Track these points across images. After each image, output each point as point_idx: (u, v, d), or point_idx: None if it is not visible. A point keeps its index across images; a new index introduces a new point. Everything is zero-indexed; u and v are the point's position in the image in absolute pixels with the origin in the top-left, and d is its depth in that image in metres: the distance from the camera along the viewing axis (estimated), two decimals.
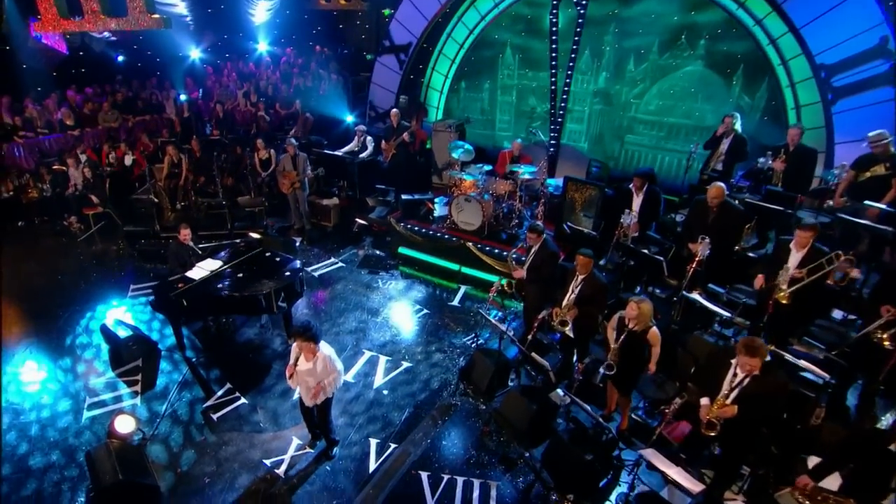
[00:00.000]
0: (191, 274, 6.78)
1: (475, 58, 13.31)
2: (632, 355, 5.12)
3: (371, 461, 5.44)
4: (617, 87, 11.75)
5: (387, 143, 10.28)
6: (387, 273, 8.94)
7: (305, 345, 4.78)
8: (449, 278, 8.72)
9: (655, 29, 10.83)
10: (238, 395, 6.30)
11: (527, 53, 12.70)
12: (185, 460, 5.46)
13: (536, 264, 6.28)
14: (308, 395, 5.05)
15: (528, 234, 6.24)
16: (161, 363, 6.85)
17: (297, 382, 5.01)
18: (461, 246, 8.65)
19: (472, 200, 8.56)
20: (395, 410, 6.09)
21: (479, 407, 6.12)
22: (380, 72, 12.67)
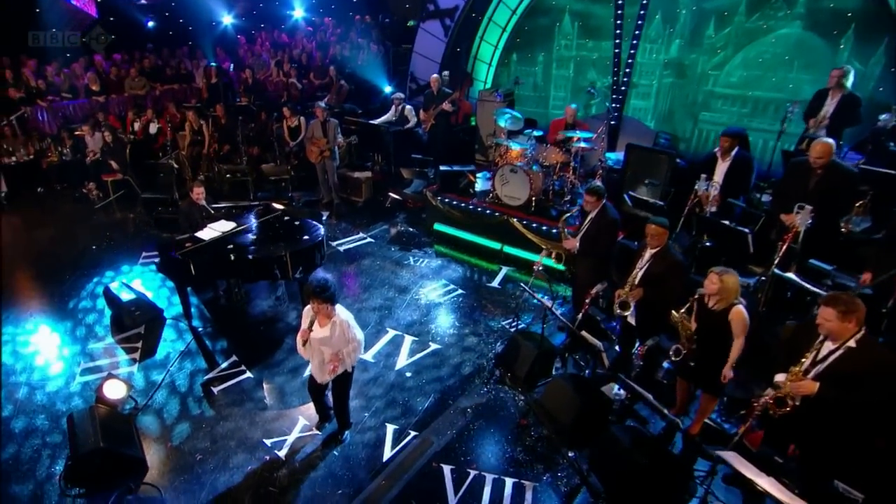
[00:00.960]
0: (200, 234, 6.55)
1: (529, 27, 12.80)
2: (710, 341, 4.44)
3: (386, 449, 4.97)
4: (693, 56, 10.94)
5: (426, 112, 9.89)
6: (420, 250, 8.51)
7: (321, 307, 4.37)
8: (489, 259, 8.20)
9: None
10: (243, 368, 5.98)
11: (588, 20, 12.08)
12: (177, 434, 5.16)
13: (592, 234, 5.69)
14: (321, 368, 4.63)
15: (585, 196, 5.64)
16: (165, 332, 6.63)
17: (310, 353, 4.61)
18: (504, 222, 8.12)
19: (518, 171, 8.03)
20: (419, 395, 5.61)
21: (517, 397, 5.56)
22: (422, 40, 12.34)
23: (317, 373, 4.72)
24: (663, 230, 4.92)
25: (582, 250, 5.79)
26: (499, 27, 12.63)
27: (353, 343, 4.53)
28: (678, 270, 4.97)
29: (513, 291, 7.45)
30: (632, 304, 5.05)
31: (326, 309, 4.38)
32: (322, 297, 4.31)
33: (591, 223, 5.69)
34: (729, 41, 10.65)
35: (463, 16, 11.68)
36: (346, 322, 4.49)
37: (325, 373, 4.64)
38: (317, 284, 4.36)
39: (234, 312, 7.03)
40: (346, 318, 4.51)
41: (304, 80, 12.26)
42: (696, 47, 10.93)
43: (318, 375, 4.72)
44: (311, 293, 4.34)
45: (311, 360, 4.69)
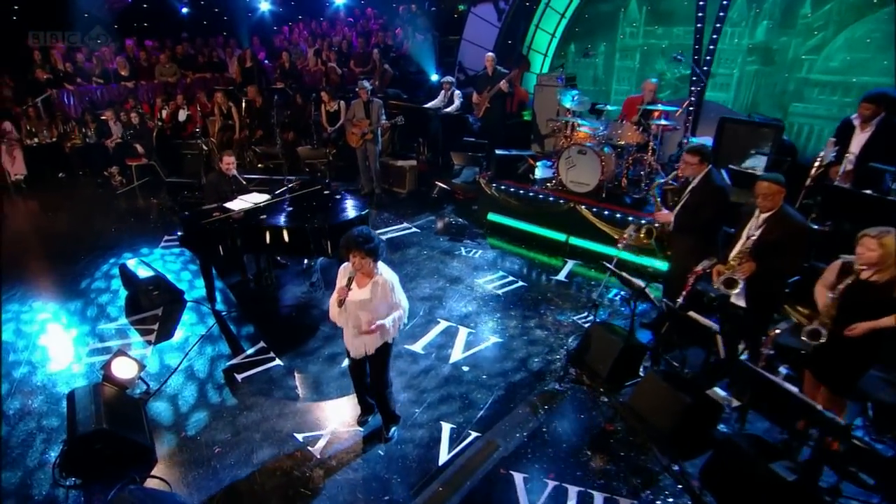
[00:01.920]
0: (230, 205, 6.12)
1: (589, 14, 12.37)
2: (860, 320, 3.68)
3: (442, 450, 4.30)
4: (783, 39, 10.23)
5: (479, 95, 9.42)
6: (472, 241, 7.93)
7: (363, 262, 3.81)
8: (551, 252, 7.55)
9: None
10: (272, 355, 5.43)
11: (658, 4, 11.56)
12: (192, 423, 4.59)
13: (692, 205, 4.97)
14: (358, 339, 4.04)
15: (685, 158, 4.95)
16: (184, 314, 6.16)
17: (345, 318, 4.03)
18: (571, 210, 7.49)
19: (588, 152, 7.42)
20: (479, 391, 4.94)
21: (599, 398, 4.84)
22: (473, 26, 12.00)
23: (351, 343, 4.12)
24: (778, 187, 4.20)
25: (679, 225, 5.08)
26: (557, 13, 12.23)
27: (398, 311, 3.93)
28: (801, 236, 4.23)
29: (583, 285, 6.78)
30: (741, 281, 4.31)
31: (368, 265, 3.82)
32: (364, 250, 3.75)
33: (692, 192, 4.99)
34: (829, 20, 9.91)
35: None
36: (389, 283, 3.90)
37: (361, 343, 4.04)
38: (358, 234, 3.81)
39: (262, 298, 6.54)
40: (390, 279, 3.93)
41: (345, 68, 12.02)
42: (787, 29, 10.21)
43: (353, 347, 4.12)
44: (352, 244, 3.79)
45: (346, 328, 4.11)
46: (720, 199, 4.83)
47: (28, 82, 10.95)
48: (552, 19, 12.30)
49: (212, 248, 5.85)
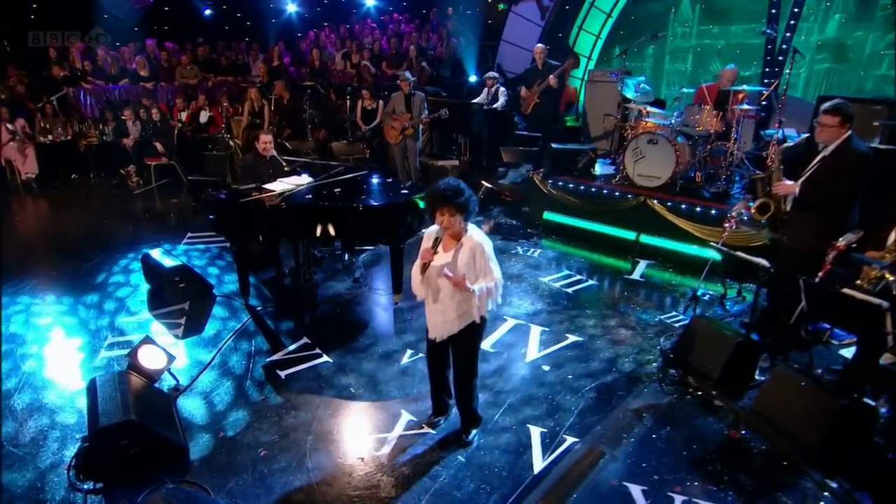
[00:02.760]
0: (270, 186, 5.65)
1: (636, 15, 12.09)
2: None
3: (535, 457, 3.69)
4: (858, 33, 9.83)
5: (528, 90, 9.02)
6: (527, 241, 7.39)
7: (452, 219, 3.30)
8: (619, 252, 6.97)
9: None
10: (319, 352, 4.86)
11: (712, 2, 11.27)
12: (231, 422, 4.01)
13: (824, 174, 4.32)
14: (441, 314, 3.49)
15: (822, 119, 4.32)
16: (215, 310, 5.63)
17: (428, 289, 3.50)
18: (641, 205, 6.96)
19: (660, 142, 6.92)
20: (566, 393, 4.34)
21: (713, 401, 4.22)
22: (513, 26, 11.75)
23: (433, 321, 3.56)
24: None
25: (804, 198, 4.46)
26: (603, 13, 11.95)
27: (490, 279, 3.37)
28: None
29: (662, 284, 6.20)
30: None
31: (457, 224, 3.30)
32: (453, 204, 3.25)
33: (826, 159, 4.38)
34: None
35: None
36: (480, 245, 3.37)
37: (445, 321, 3.48)
38: (445, 186, 3.32)
39: (301, 293, 6.00)
40: (482, 241, 3.40)
41: (377, 71, 11.73)
42: (864, 23, 9.80)
43: (435, 326, 3.55)
44: (439, 198, 3.29)
45: (428, 302, 3.56)
46: (862, 167, 4.21)
47: (43, 79, 10.73)
48: (597, 19, 12.02)
49: (250, 233, 5.36)
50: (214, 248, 7.15)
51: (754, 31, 11.17)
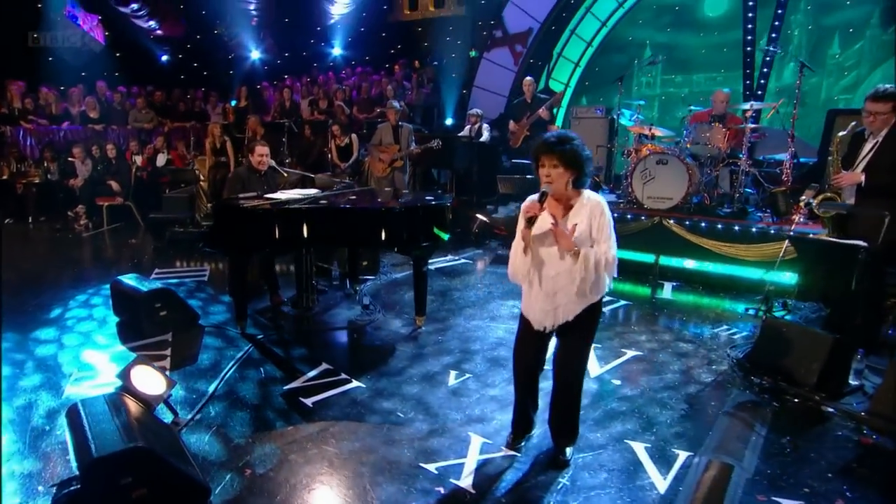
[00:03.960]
0: (275, 195, 4.90)
1: (600, 67, 12.36)
2: None
3: (652, 475, 2.98)
4: (813, 79, 10.32)
5: (517, 124, 8.75)
6: None
7: (552, 170, 2.73)
8: (635, 277, 6.48)
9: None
10: (346, 377, 4.02)
11: (673, 52, 11.65)
12: (259, 458, 3.10)
13: (886, 161, 4.11)
14: (549, 300, 2.84)
15: (870, 107, 4.13)
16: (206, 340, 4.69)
17: (528, 270, 2.86)
18: (655, 226, 6.60)
19: (670, 161, 6.67)
20: (653, 405, 3.68)
21: (819, 406, 3.67)
22: (486, 72, 11.68)
23: (536, 307, 2.89)
24: None
25: (871, 186, 4.17)
26: (570, 62, 12.14)
27: (606, 249, 2.76)
28: None
29: (698, 303, 5.76)
30: None
31: (562, 179, 2.74)
32: (556, 151, 2.70)
33: (882, 145, 4.17)
34: (862, 58, 10.06)
35: (538, 39, 11.10)
36: (600, 206, 2.80)
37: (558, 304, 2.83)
38: (549, 134, 2.80)
39: (306, 320, 5.15)
40: (601, 201, 2.82)
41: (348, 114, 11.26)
42: (817, 69, 10.33)
43: (539, 312, 2.89)
44: (541, 146, 2.78)
45: (531, 285, 2.91)
46: None
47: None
48: (565, 69, 12.18)
49: (258, 244, 4.54)
50: (189, 282, 6.19)
51: (714, 79, 11.65)
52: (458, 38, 13.35)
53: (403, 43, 13.92)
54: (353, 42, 14.22)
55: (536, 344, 3.02)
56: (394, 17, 13.92)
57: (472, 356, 4.40)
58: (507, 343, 4.59)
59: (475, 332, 4.87)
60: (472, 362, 4.29)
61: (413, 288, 4.85)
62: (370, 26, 14.14)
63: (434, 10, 13.52)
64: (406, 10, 13.80)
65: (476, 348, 4.53)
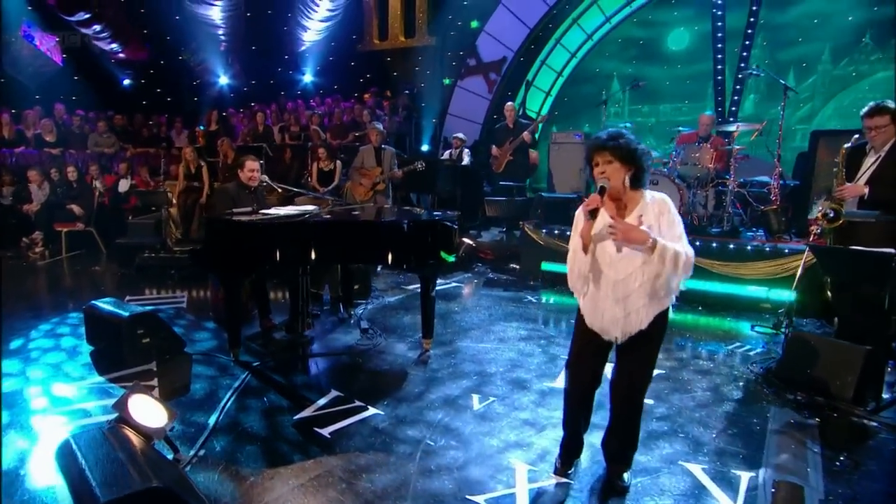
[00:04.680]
0: (270, 211, 4.53)
1: (569, 96, 12.50)
2: None
3: (719, 498, 2.71)
4: (773, 110, 10.68)
5: (499, 149, 8.62)
6: (532, 292, 6.58)
7: (606, 166, 2.52)
8: None
9: (824, 33, 10.06)
10: (361, 404, 3.63)
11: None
12: (280, 497, 2.68)
13: (890, 173, 4.14)
14: (618, 306, 2.57)
15: (868, 122, 4.15)
16: (195, 369, 4.22)
17: (589, 274, 2.61)
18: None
19: (660, 181, 6.64)
20: (694, 424, 3.44)
21: (863, 420, 3.51)
22: (460, 100, 11.61)
23: (600, 313, 2.62)
24: None
25: (874, 199, 4.16)
26: (541, 92, 12.22)
27: (679, 249, 2.51)
28: None
29: (701, 322, 5.61)
30: None
31: (619, 176, 2.52)
32: (609, 146, 2.51)
33: (884, 160, 4.17)
34: (815, 91, 10.49)
35: (512, 68, 11.12)
36: (665, 203, 2.58)
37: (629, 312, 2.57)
38: (602, 132, 2.61)
39: (302, 347, 4.72)
40: (665, 198, 2.61)
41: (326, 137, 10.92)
42: (775, 101, 10.70)
43: (604, 320, 2.61)
44: (594, 143, 2.60)
45: (593, 293, 2.64)
46: None
47: None
48: (537, 98, 12.26)
49: (253, 263, 4.14)
50: (168, 309, 5.67)
51: (679, 109, 11.95)
52: (428, 67, 13.32)
53: (373, 72, 13.78)
54: (321, 70, 14.00)
55: (597, 358, 2.75)
56: (363, 46, 13.79)
57: (490, 379, 4.08)
58: (522, 365, 4.33)
59: (486, 354, 4.56)
60: (492, 385, 3.98)
61: (420, 310, 4.51)
62: (339, 55, 13.97)
63: (404, 39, 13.47)
64: (376, 39, 13.70)
65: (492, 371, 4.22)
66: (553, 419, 3.45)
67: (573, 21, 11.33)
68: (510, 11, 10.88)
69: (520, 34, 10.92)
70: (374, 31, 13.63)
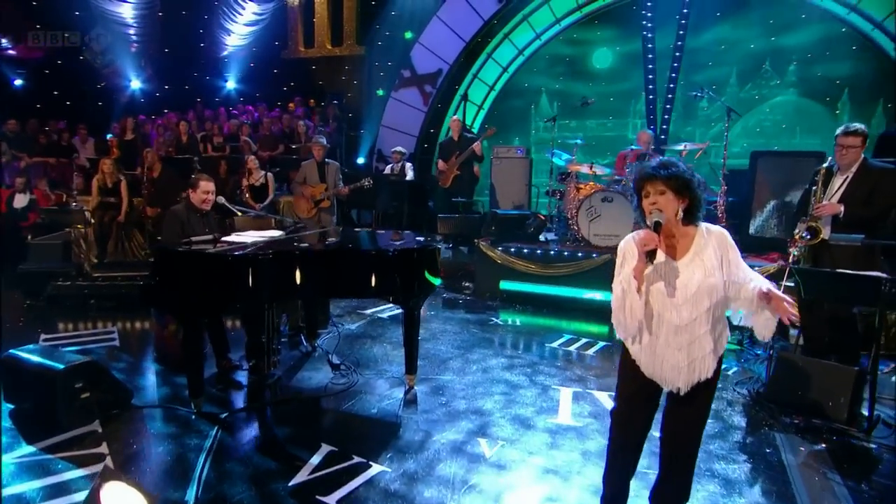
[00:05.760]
0: (232, 238, 3.93)
1: (499, 111, 12.43)
2: None
3: None
4: (688, 129, 11.16)
5: (445, 163, 8.30)
6: (494, 313, 6.31)
7: (658, 197, 2.28)
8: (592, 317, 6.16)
9: (730, 58, 10.60)
10: (362, 460, 3.16)
11: (568, 100, 12.02)
12: None
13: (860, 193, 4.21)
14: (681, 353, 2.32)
15: (842, 140, 4.22)
16: (151, 426, 3.54)
17: (640, 319, 2.34)
18: (608, 263, 6.42)
19: (614, 198, 6.60)
20: (715, 461, 3.29)
21: (863, 443, 3.51)
22: (395, 111, 11.18)
23: (674, 359, 2.34)
24: None
25: (848, 218, 4.24)
26: (474, 105, 12.04)
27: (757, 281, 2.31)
28: None
29: None
30: None
31: (672, 207, 2.27)
32: (662, 177, 2.26)
33: (853, 180, 4.26)
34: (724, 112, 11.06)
35: (448, 77, 10.86)
36: (725, 236, 2.37)
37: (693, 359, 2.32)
38: (649, 161, 2.38)
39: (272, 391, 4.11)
40: (723, 230, 2.39)
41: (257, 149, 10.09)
42: (690, 120, 11.20)
43: (677, 370, 2.34)
44: (644, 172, 2.33)
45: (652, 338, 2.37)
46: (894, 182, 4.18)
47: None
48: (469, 112, 12.06)
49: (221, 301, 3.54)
50: (97, 349, 4.84)
51: (605, 125, 12.23)
52: (356, 77, 12.82)
53: (298, 80, 13.08)
54: (243, 77, 13.10)
55: (649, 405, 2.49)
56: (288, 53, 13.04)
57: (490, 418, 3.74)
58: (516, 399, 4.03)
59: (474, 388, 4.21)
60: (495, 426, 3.63)
61: (390, 340, 4.17)
62: (262, 62, 13.14)
63: (331, 48, 12.87)
64: (301, 46, 13.00)
65: (488, 408, 3.88)
66: (574, 464, 3.18)
67: (504, 36, 11.26)
68: (445, 24, 10.62)
69: (455, 47, 10.68)
70: (299, 38, 12.93)
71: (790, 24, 10.07)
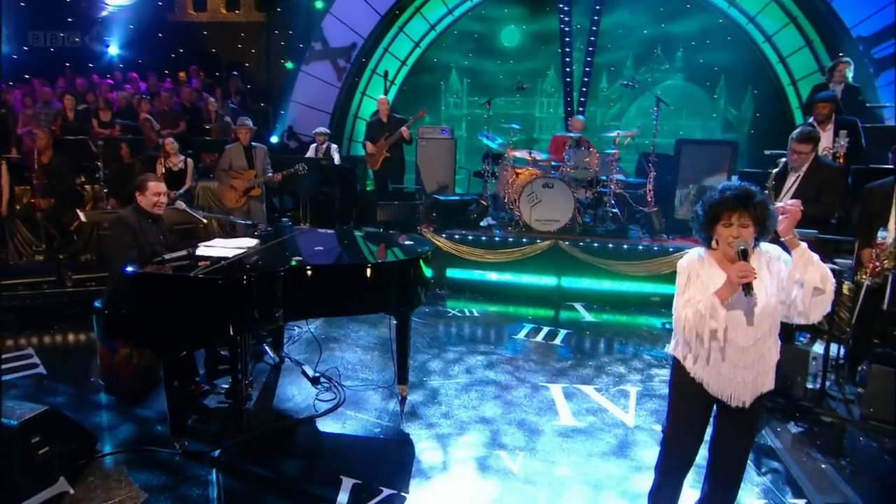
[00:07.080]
0: (206, 251, 3.40)
1: (409, 86, 12.03)
2: None
3: None
4: (591, 108, 11.50)
5: (373, 145, 7.86)
6: (442, 303, 6.19)
7: (740, 229, 2.26)
8: (541, 303, 6.26)
9: (627, 42, 11.02)
10: (392, 491, 2.92)
11: (478, 77, 11.91)
12: None
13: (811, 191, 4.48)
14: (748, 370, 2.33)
15: (795, 147, 4.45)
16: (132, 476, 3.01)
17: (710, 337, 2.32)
18: (553, 247, 6.52)
19: (555, 185, 6.63)
20: None
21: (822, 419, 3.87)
22: (306, 87, 10.41)
23: (741, 376, 2.33)
24: None
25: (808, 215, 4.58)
26: (387, 81, 11.53)
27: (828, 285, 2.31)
28: None
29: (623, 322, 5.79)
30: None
31: (751, 236, 2.26)
32: (750, 206, 2.22)
33: (803, 180, 4.58)
34: (623, 93, 11.53)
35: (363, 52, 10.27)
36: (776, 255, 2.41)
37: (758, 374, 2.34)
38: (731, 185, 2.31)
39: (253, 418, 3.69)
40: (770, 246, 2.43)
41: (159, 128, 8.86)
42: (592, 99, 11.55)
43: (743, 385, 2.33)
44: (729, 200, 2.24)
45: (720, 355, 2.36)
46: (843, 178, 4.56)
47: None
48: (379, 86, 11.53)
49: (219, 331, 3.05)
50: (22, 381, 4.04)
51: (513, 103, 12.27)
52: (253, 45, 11.74)
53: (187, 47, 11.68)
54: (122, 41, 11.44)
55: (703, 420, 2.49)
56: (175, 16, 11.57)
57: (497, 426, 3.64)
58: (512, 402, 3.97)
59: (467, 393, 4.08)
60: (505, 435, 3.54)
61: (395, 352, 3.88)
62: (144, 24, 11.52)
63: (226, 12, 11.62)
64: (191, 9, 11.58)
65: (490, 416, 3.77)
66: (597, 470, 3.18)
67: (416, 10, 10.82)
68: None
69: (370, 20, 10.10)
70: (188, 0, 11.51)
71: (678, 13, 10.61)
